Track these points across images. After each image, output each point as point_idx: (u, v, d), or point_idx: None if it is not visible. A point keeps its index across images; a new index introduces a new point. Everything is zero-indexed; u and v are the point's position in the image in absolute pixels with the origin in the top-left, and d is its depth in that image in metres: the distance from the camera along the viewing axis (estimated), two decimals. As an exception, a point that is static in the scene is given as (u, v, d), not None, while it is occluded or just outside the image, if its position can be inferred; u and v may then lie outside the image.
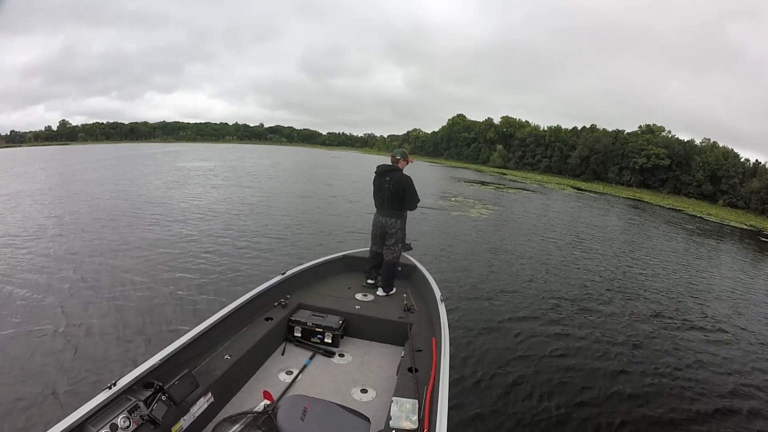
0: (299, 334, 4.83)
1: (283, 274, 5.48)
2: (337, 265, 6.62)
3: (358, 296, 5.73)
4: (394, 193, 5.83)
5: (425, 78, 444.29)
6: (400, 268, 6.33)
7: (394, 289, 5.93)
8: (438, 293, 5.19)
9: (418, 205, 6.05)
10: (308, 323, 4.80)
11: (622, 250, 17.23)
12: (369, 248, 6.41)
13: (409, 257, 6.70)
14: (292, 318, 4.89)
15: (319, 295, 5.56)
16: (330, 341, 4.76)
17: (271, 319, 4.73)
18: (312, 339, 4.78)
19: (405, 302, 5.35)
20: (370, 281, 6.16)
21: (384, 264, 5.98)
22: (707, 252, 20.51)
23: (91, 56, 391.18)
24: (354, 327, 5.06)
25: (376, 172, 6.01)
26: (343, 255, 6.78)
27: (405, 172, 5.99)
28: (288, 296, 5.19)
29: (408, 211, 6.11)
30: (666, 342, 8.18)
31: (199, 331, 3.88)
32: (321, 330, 4.77)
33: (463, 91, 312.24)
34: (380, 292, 5.86)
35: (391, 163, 6.00)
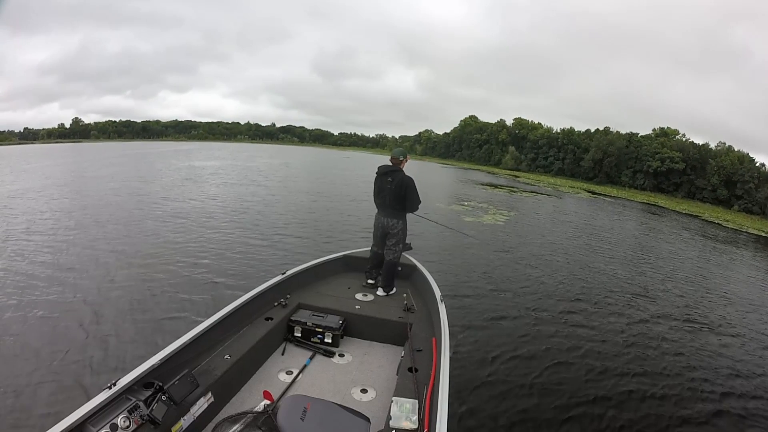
0: (299, 334, 4.87)
1: (283, 274, 5.53)
2: (337, 265, 6.67)
3: (358, 296, 5.76)
4: (395, 194, 5.86)
5: (434, 80, 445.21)
6: (400, 268, 6.35)
7: (395, 289, 5.96)
8: (438, 293, 5.21)
9: (420, 206, 6.05)
10: (308, 323, 4.84)
11: (641, 256, 16.90)
12: (369, 248, 6.46)
13: (410, 257, 6.70)
14: (292, 318, 4.93)
15: (319, 295, 5.60)
16: (330, 341, 4.78)
17: (271, 319, 4.76)
18: (312, 339, 4.81)
19: (405, 302, 5.41)
20: (370, 281, 6.19)
21: (384, 264, 6.01)
22: (729, 261, 20.13)
23: (106, 56, 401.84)
24: (354, 327, 5.09)
25: (377, 173, 6.04)
26: (344, 255, 6.83)
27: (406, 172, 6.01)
28: (288, 296, 5.23)
29: (409, 213, 6.13)
30: (682, 347, 8.11)
31: (199, 331, 3.90)
32: (321, 330, 4.80)
33: (472, 92, 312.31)
34: (380, 292, 5.90)
35: (392, 164, 6.01)
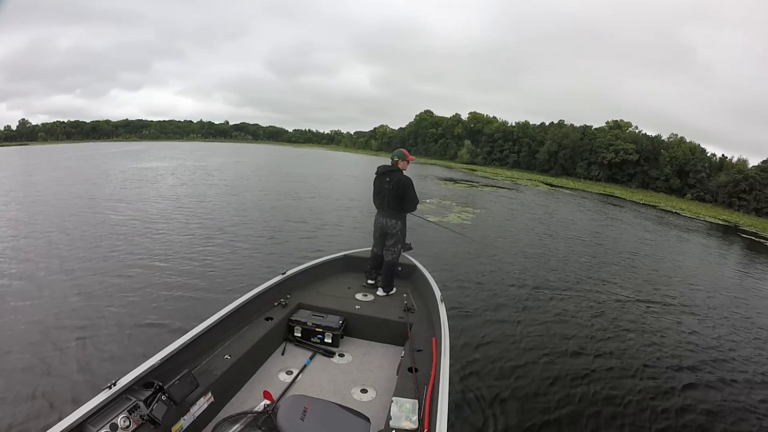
0: (299, 334, 4.88)
1: (283, 274, 5.50)
2: (337, 265, 6.67)
3: (358, 296, 5.78)
4: (393, 194, 5.89)
5: (394, 76, 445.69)
6: (400, 268, 6.41)
7: (394, 289, 5.99)
8: (438, 293, 5.25)
9: (418, 206, 6.11)
10: (308, 323, 4.85)
11: (618, 251, 17.08)
12: (369, 248, 6.50)
13: (409, 257, 6.75)
14: (292, 318, 4.93)
15: (319, 295, 5.61)
16: (330, 341, 4.80)
17: (271, 319, 4.76)
18: (312, 339, 4.82)
19: (405, 302, 5.45)
20: (370, 281, 6.21)
21: (384, 264, 6.03)
22: (693, 248, 21.37)
23: (58, 53, 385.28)
24: (354, 327, 5.11)
25: (376, 174, 6.07)
26: (344, 255, 6.83)
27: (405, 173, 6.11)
28: (288, 296, 5.23)
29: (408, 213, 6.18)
30: (673, 338, 8.42)
31: (199, 331, 3.88)
32: (321, 330, 4.81)
33: (432, 89, 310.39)
34: (380, 292, 5.92)
35: (390, 165, 6.04)
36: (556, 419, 5.36)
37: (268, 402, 3.55)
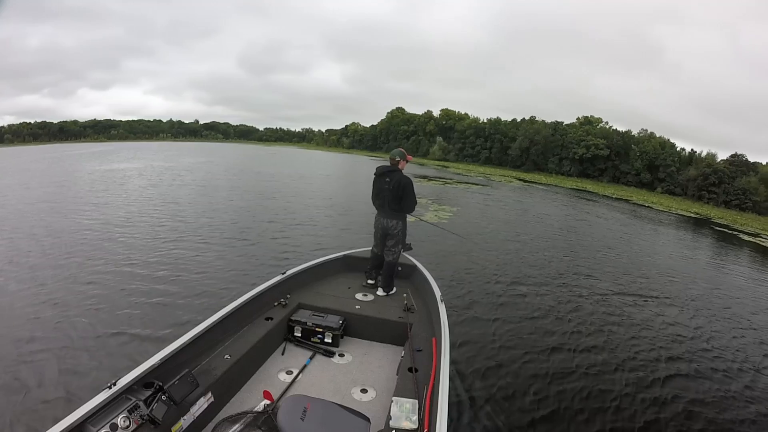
0: (299, 334, 4.86)
1: (283, 274, 5.48)
2: (337, 265, 6.66)
3: (358, 296, 5.77)
4: (394, 194, 5.85)
5: (366, 74, 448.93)
6: (400, 268, 6.41)
7: (395, 289, 6.00)
8: (438, 293, 5.27)
9: (416, 207, 6.06)
10: (308, 323, 4.84)
11: (596, 245, 17.24)
12: (369, 248, 6.48)
13: (409, 257, 6.76)
14: (292, 318, 4.92)
15: (319, 295, 5.59)
16: (330, 341, 4.79)
17: (271, 318, 4.74)
18: (312, 339, 4.81)
19: (405, 302, 5.46)
20: (370, 281, 6.20)
21: (384, 264, 6.02)
22: (670, 241, 21.78)
23: (25, 52, 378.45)
24: (354, 327, 5.11)
25: (375, 174, 6.02)
26: (344, 255, 6.81)
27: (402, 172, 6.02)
28: (288, 296, 5.21)
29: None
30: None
31: (199, 331, 3.86)
32: (321, 330, 4.81)
33: (404, 86, 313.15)
34: (380, 292, 5.92)
35: (390, 165, 5.99)
36: (558, 417, 5.33)
37: (268, 402, 3.53)
